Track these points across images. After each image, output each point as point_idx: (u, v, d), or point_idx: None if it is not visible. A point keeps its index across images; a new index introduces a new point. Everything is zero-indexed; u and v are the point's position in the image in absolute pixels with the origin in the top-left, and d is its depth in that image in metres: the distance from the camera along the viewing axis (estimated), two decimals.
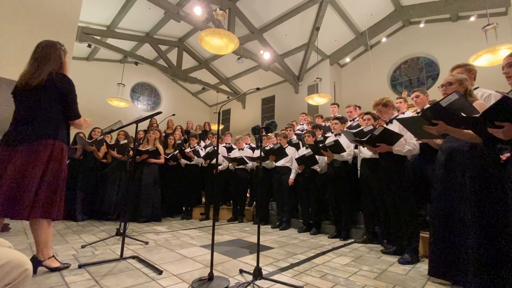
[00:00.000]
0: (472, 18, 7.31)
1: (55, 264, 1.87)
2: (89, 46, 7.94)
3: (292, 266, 2.17)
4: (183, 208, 4.97)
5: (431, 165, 2.60)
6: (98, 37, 7.99)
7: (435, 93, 5.93)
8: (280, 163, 4.06)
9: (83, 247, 2.51)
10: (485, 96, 2.15)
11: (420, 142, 2.57)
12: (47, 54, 1.85)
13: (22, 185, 1.68)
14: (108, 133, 3.68)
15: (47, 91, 1.80)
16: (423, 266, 2.19)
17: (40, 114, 1.79)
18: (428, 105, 3.06)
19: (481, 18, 6.93)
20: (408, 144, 2.50)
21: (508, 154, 1.58)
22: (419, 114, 1.77)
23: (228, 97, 12.04)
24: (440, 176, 1.89)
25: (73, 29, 6.23)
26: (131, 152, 3.22)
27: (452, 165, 1.81)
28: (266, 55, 8.90)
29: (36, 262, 1.79)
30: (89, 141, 4.37)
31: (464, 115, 1.54)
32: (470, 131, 1.63)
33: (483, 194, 1.62)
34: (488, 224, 1.58)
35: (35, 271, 1.78)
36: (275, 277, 1.87)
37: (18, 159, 1.70)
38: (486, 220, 1.59)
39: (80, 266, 1.94)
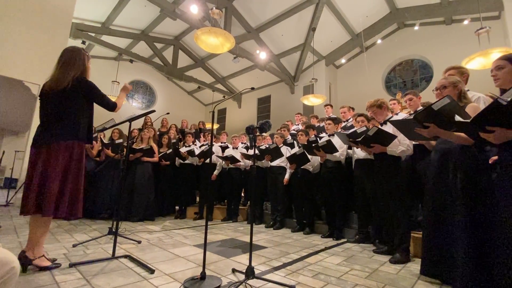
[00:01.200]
0: (466, 22, 7.43)
1: (45, 263, 1.84)
2: (83, 43, 7.84)
3: (284, 265, 2.18)
4: (177, 207, 4.95)
5: (423, 166, 2.64)
6: (93, 34, 7.89)
7: (428, 95, 6.02)
8: (275, 163, 4.07)
9: (74, 246, 2.48)
10: (474, 99, 2.19)
11: (414, 143, 2.61)
12: (72, 59, 1.98)
13: (45, 185, 1.79)
14: (101, 131, 3.65)
15: (69, 94, 1.92)
16: (413, 266, 2.22)
17: (61, 117, 1.90)
18: (420, 107, 3.10)
19: (475, 22, 7.05)
20: (402, 145, 2.53)
21: (496, 157, 1.62)
22: (412, 117, 1.80)
23: (223, 96, 12.02)
24: (432, 176, 1.92)
25: (67, 25, 6.16)
26: (124, 151, 3.19)
27: (445, 166, 1.83)
28: (262, 55, 8.91)
29: (26, 260, 1.77)
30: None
31: (458, 118, 1.58)
32: (460, 134, 1.66)
33: (472, 195, 1.65)
34: (477, 224, 1.61)
35: (24, 270, 1.76)
36: (267, 276, 1.87)
37: (41, 160, 1.84)
38: (474, 220, 1.62)
39: (71, 265, 1.92)
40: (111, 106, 2.09)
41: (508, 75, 1.52)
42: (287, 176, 3.94)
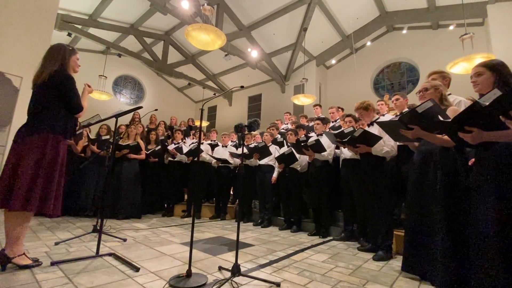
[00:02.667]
0: (451, 27, 7.65)
1: (25, 262, 1.79)
2: (69, 35, 7.59)
3: (271, 262, 2.20)
4: (165, 205, 4.89)
5: (406, 166, 2.73)
6: (79, 26, 7.65)
7: (415, 98, 6.18)
8: (263, 161, 4.09)
9: (56, 244, 2.42)
10: (456, 103, 2.28)
11: (399, 144, 2.69)
12: (52, 55, 2.00)
13: (15, 177, 1.76)
14: (86, 126, 3.56)
15: (47, 88, 1.92)
16: (395, 263, 2.29)
17: (38, 110, 1.90)
18: (406, 109, 3.19)
19: (459, 28, 7.27)
20: (387, 146, 2.60)
21: (473, 160, 1.69)
22: (397, 119, 1.86)
23: (214, 94, 11.88)
24: (414, 176, 1.98)
25: (52, 16, 5.94)
26: (110, 147, 3.13)
27: (426, 167, 1.90)
28: (253, 53, 8.88)
29: (5, 258, 1.72)
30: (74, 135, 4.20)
31: (441, 118, 1.65)
32: (441, 136, 1.73)
33: (451, 195, 1.73)
34: (455, 222, 1.68)
35: (3, 268, 1.70)
36: (253, 273, 1.89)
37: (14, 153, 1.83)
38: (453, 219, 1.69)
39: (52, 264, 1.87)
40: (75, 108, 2.02)
41: (486, 81, 1.59)
42: (275, 175, 3.97)
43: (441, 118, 1.67)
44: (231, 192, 5.13)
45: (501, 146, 1.37)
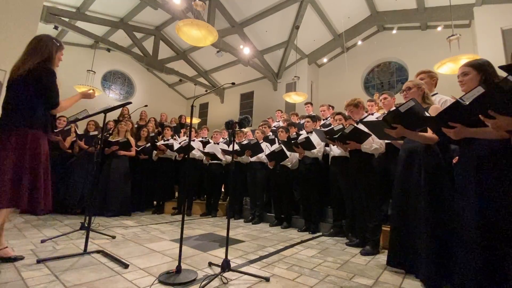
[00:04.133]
0: (439, 28, 7.83)
1: (9, 254, 1.79)
2: (56, 28, 7.36)
3: (261, 258, 2.23)
4: (155, 202, 4.85)
5: (393, 163, 2.80)
6: (67, 19, 7.42)
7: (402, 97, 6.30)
8: (254, 158, 4.10)
9: (43, 241, 2.37)
10: (442, 102, 2.36)
11: (387, 141, 2.75)
12: (37, 47, 1.92)
13: None
14: (73, 122, 3.48)
15: (26, 82, 1.84)
16: (382, 257, 2.35)
17: (16, 105, 1.83)
18: (394, 107, 3.26)
19: (447, 29, 7.44)
20: (375, 143, 2.66)
21: (457, 157, 1.76)
22: (381, 118, 1.92)
23: (206, 90, 11.83)
24: (400, 173, 2.04)
25: (37, 8, 5.75)
26: (99, 143, 3.07)
27: (411, 164, 1.96)
28: (246, 50, 8.85)
29: None
30: (54, 130, 4.09)
31: (427, 115, 1.71)
32: (425, 134, 1.79)
33: (434, 191, 1.79)
34: (438, 218, 1.74)
35: None
36: (243, 269, 1.91)
37: None
38: (436, 214, 1.75)
39: (38, 261, 1.84)
40: (53, 103, 1.94)
41: (472, 81, 1.64)
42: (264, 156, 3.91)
43: (427, 114, 1.74)
44: (222, 189, 5.12)
45: (481, 143, 1.43)
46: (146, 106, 2.69)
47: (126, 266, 1.85)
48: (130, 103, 2.27)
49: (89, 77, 9.04)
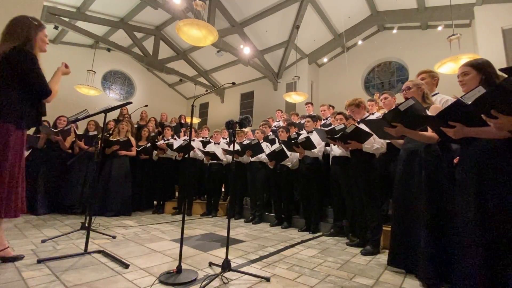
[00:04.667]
0: (439, 28, 7.82)
1: (10, 254, 1.78)
2: (56, 28, 7.37)
3: (261, 258, 2.22)
4: (155, 202, 4.85)
5: (394, 163, 2.79)
6: (67, 19, 7.42)
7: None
8: (254, 158, 4.10)
9: (43, 241, 2.37)
10: (443, 101, 2.35)
11: (388, 141, 2.75)
12: (10, 31, 1.71)
13: None
14: (73, 122, 3.48)
15: (0, 69, 1.63)
16: (382, 257, 2.35)
17: None
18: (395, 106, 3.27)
19: (447, 28, 7.44)
20: (377, 142, 2.65)
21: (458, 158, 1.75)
22: (382, 116, 1.92)
23: (206, 90, 11.82)
24: (400, 173, 2.04)
25: (37, 8, 5.74)
26: (99, 143, 3.07)
27: (411, 164, 1.96)
28: (246, 50, 8.84)
29: None
30: (55, 130, 4.10)
31: (427, 114, 1.71)
32: (424, 133, 1.79)
33: (435, 191, 1.78)
34: (437, 218, 1.74)
35: None
36: (243, 269, 1.91)
37: None
38: (436, 214, 1.75)
39: (39, 261, 1.84)
40: (41, 92, 1.71)
41: (473, 81, 1.64)
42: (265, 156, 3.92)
43: (428, 113, 1.74)
44: (223, 189, 5.12)
45: (482, 142, 1.43)
46: (146, 106, 2.69)
47: (126, 266, 1.84)
48: (131, 103, 2.27)
49: (89, 77, 9.04)
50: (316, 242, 2.89)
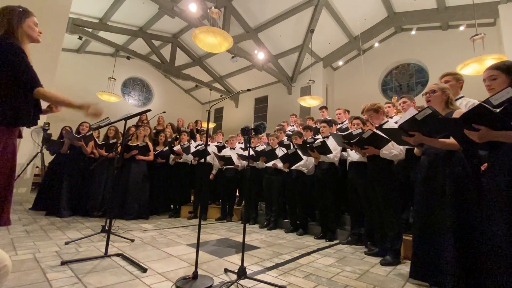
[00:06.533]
0: (462, 28, 7.52)
1: None
2: (80, 38, 7.77)
3: (277, 266, 2.20)
4: (171, 206, 4.94)
5: (415, 170, 2.69)
6: (90, 30, 7.82)
7: (423, 99, 6.09)
8: (270, 163, 4.08)
9: (66, 243, 2.47)
10: (469, 105, 2.24)
11: (407, 147, 2.65)
12: None
13: None
14: (96, 129, 3.62)
15: None
16: (404, 268, 2.26)
17: None
18: (415, 111, 3.15)
19: (470, 28, 7.15)
20: (395, 149, 2.57)
21: (486, 164, 1.66)
22: (397, 126, 1.87)
23: (221, 95, 12.00)
24: (421, 180, 1.95)
25: (63, 20, 6.10)
26: (119, 149, 3.18)
27: (434, 170, 1.87)
28: (260, 55, 8.91)
29: None
30: (77, 136, 4.29)
31: (448, 118, 1.63)
32: (445, 140, 1.71)
33: (460, 200, 1.69)
34: (464, 228, 1.65)
35: None
36: (259, 276, 1.89)
37: None
38: (463, 225, 1.65)
39: (62, 263, 1.91)
40: (30, 84, 1.50)
41: (502, 86, 1.55)
42: (279, 165, 3.89)
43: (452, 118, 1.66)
44: (237, 194, 5.13)
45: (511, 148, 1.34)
46: (164, 112, 2.76)
47: (144, 270, 1.88)
48: (149, 110, 2.33)
49: (110, 84, 9.43)
50: (333, 251, 2.82)
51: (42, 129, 5.50)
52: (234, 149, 4.89)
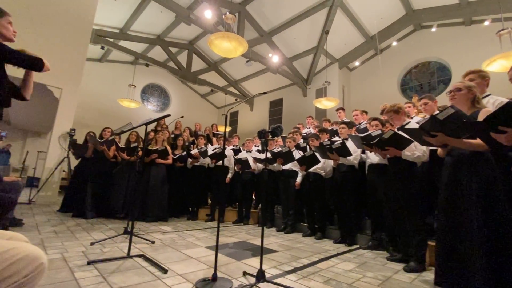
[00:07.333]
0: (486, 23, 7.16)
1: None
2: (102, 48, 8.16)
3: (295, 270, 2.17)
4: (189, 208, 5.02)
5: (438, 171, 2.58)
6: (111, 40, 8.20)
7: (446, 98, 5.84)
8: (287, 166, 4.06)
9: (92, 244, 2.58)
10: (497, 104, 2.12)
11: (431, 148, 2.55)
12: None
13: None
14: (118, 134, 3.77)
15: None
16: (429, 275, 2.16)
17: None
18: (437, 111, 3.02)
19: (495, 23, 6.78)
20: (418, 150, 2.47)
21: None
22: (418, 127, 1.81)
23: (236, 99, 12.13)
24: (446, 183, 1.87)
25: (87, 32, 6.44)
26: (140, 153, 3.29)
27: (459, 172, 1.78)
28: (274, 58, 8.94)
29: None
30: (100, 140, 4.49)
31: (472, 120, 1.56)
32: (472, 141, 1.63)
33: (489, 203, 1.60)
34: (493, 233, 1.56)
35: None
36: (278, 280, 1.88)
37: None
38: (492, 229, 1.56)
39: (89, 263, 2.00)
40: (35, 62, 1.60)
41: None
42: (298, 180, 3.92)
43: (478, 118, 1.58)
44: (253, 197, 5.14)
45: None
46: (182, 117, 2.83)
47: (165, 271, 1.92)
48: (169, 115, 2.41)
49: (130, 91, 9.81)
50: (353, 255, 2.75)
51: (68, 135, 5.80)
52: (250, 152, 4.91)
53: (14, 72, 1.65)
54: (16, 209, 2.97)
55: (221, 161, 4.53)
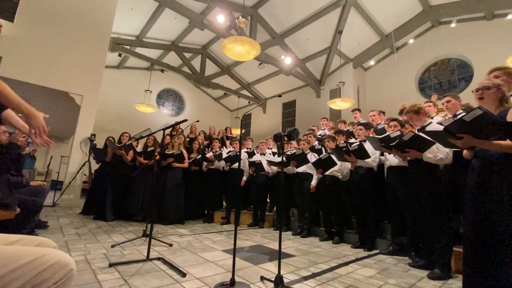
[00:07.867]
0: (510, 16, 6.81)
1: None
2: (120, 55, 8.44)
3: (314, 275, 2.13)
4: (205, 211, 5.07)
5: (464, 174, 2.46)
6: (128, 47, 8.47)
7: (468, 96, 5.59)
8: (301, 169, 4.01)
9: (112, 246, 2.65)
10: None
11: (454, 149, 2.44)
12: None
13: None
14: (138, 139, 3.88)
15: None
16: (455, 283, 2.06)
17: None
18: (460, 110, 2.89)
19: None
20: (440, 152, 2.37)
21: None
22: (441, 128, 1.73)
23: (249, 102, 12.17)
24: (473, 185, 1.77)
25: (106, 40, 6.68)
26: (157, 157, 3.36)
27: (488, 174, 1.69)
28: (287, 60, 8.90)
29: None
30: (118, 145, 4.63)
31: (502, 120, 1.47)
32: (501, 142, 1.54)
33: None
34: None
35: None
36: (296, 286, 1.85)
37: None
38: None
39: (110, 265, 2.05)
40: None
41: None
42: (313, 182, 3.86)
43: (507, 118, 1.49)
44: (268, 200, 5.12)
45: None
46: (197, 121, 2.86)
47: (184, 274, 1.94)
48: (186, 120, 2.45)
49: (146, 96, 10.07)
50: (373, 261, 2.67)
51: (89, 140, 6.02)
52: (264, 154, 4.90)
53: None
54: (41, 212, 3.10)
55: (236, 164, 4.55)
